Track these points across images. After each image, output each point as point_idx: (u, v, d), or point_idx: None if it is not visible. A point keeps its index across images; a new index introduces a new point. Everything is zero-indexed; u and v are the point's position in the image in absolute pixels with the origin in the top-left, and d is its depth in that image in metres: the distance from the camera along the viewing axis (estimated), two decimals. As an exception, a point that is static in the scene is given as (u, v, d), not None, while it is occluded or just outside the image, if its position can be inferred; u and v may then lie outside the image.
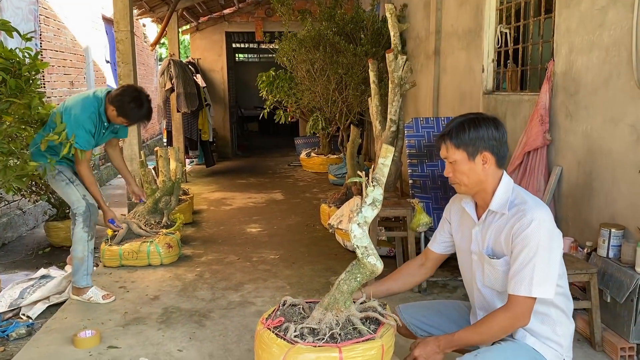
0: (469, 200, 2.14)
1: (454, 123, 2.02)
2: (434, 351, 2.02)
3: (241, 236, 5.23)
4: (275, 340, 1.97)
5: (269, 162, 10.37)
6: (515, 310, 1.89)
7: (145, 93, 3.56)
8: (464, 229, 2.18)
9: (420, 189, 4.14)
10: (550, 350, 1.97)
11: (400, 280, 2.30)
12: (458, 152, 1.97)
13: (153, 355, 2.86)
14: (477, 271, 2.11)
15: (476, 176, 1.98)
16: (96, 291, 3.61)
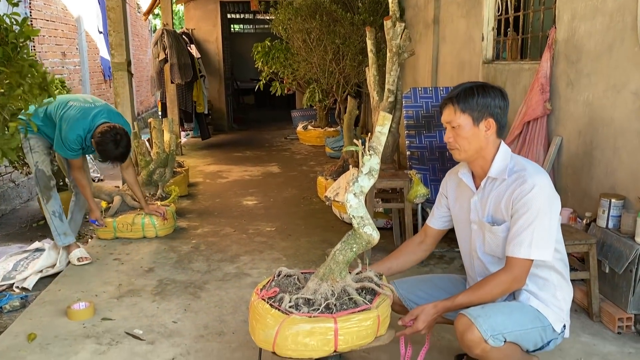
0: (466, 170, 2.13)
1: (461, 87, 2.02)
2: (433, 318, 2.02)
3: (237, 209, 5.19)
4: (270, 310, 1.94)
5: (265, 135, 10.28)
6: (513, 272, 1.92)
7: (126, 139, 3.66)
8: (462, 200, 2.16)
9: (417, 160, 4.08)
10: (553, 312, 2.00)
11: (401, 259, 2.30)
12: (463, 116, 1.97)
13: (147, 327, 2.83)
14: (477, 240, 2.10)
15: (478, 142, 1.98)
16: (77, 252, 3.76)
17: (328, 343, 1.83)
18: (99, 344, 2.67)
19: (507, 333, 1.87)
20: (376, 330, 1.91)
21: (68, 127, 3.63)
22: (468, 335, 1.86)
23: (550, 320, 1.97)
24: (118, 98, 5.24)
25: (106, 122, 3.67)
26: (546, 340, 1.99)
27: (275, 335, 1.87)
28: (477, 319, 1.86)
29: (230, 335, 2.72)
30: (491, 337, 1.84)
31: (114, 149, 3.59)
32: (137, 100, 11.67)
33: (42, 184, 3.79)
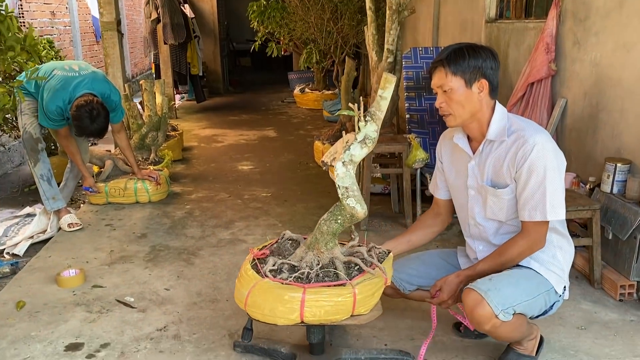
0: (460, 135, 2.04)
1: (450, 49, 1.92)
2: (458, 288, 1.98)
3: (232, 174, 5.09)
4: (248, 271, 1.89)
5: (262, 98, 10.09)
6: (533, 236, 1.88)
7: (103, 113, 3.52)
8: (458, 165, 2.08)
9: (417, 123, 3.96)
10: (554, 275, 1.95)
11: (419, 232, 2.23)
12: (455, 79, 1.88)
13: (139, 294, 2.77)
14: (475, 206, 2.03)
15: (472, 105, 1.90)
16: (67, 218, 3.68)
17: (293, 312, 1.79)
18: (89, 311, 2.61)
19: (517, 305, 1.83)
20: (351, 308, 1.82)
21: (48, 97, 3.52)
22: (479, 310, 1.81)
23: (552, 282, 1.93)
24: (108, 59, 5.07)
25: (87, 93, 3.54)
26: (550, 304, 1.96)
27: (247, 296, 1.86)
28: (488, 293, 1.80)
29: (224, 303, 2.67)
30: (502, 312, 1.79)
31: (89, 124, 3.46)
32: (132, 62, 11.40)
33: (29, 147, 3.68)
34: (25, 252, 3.44)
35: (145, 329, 2.45)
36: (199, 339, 2.36)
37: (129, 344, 2.33)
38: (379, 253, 2.03)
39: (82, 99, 3.49)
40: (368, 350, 2.16)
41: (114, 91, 3.80)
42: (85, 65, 3.78)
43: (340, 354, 2.10)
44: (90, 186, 4.01)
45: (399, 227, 3.61)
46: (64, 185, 4.07)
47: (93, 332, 2.43)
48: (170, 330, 2.44)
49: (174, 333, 2.41)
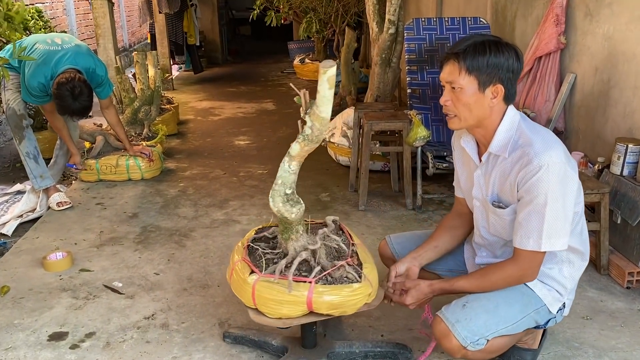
0: (469, 138, 1.82)
1: (470, 41, 1.65)
2: (427, 297, 1.85)
3: (229, 149, 4.95)
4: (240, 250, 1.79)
5: (261, 68, 9.87)
6: (523, 265, 1.67)
7: (87, 91, 3.33)
8: (466, 169, 1.89)
9: (419, 99, 3.80)
10: (550, 292, 1.76)
11: (445, 236, 1.99)
12: (468, 78, 1.64)
13: (127, 279, 2.68)
14: (480, 218, 1.86)
15: (480, 111, 1.67)
16: (56, 197, 3.58)
17: None
18: (75, 297, 2.52)
19: (491, 334, 1.67)
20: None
21: (30, 73, 3.37)
22: (446, 343, 1.68)
23: (546, 301, 1.75)
24: (99, 30, 4.88)
25: (70, 69, 3.37)
26: (541, 322, 1.79)
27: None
28: (456, 325, 1.66)
29: (215, 289, 2.57)
30: (471, 344, 1.65)
31: (71, 103, 3.29)
32: (128, 32, 11.13)
33: (13, 124, 3.55)
34: (14, 232, 3.34)
35: (132, 317, 2.36)
36: (188, 328, 2.27)
37: (114, 334, 2.24)
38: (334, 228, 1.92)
39: (63, 75, 3.32)
40: (363, 342, 2.06)
41: (99, 65, 3.62)
42: (69, 38, 3.61)
43: (333, 347, 2.01)
44: (76, 163, 3.88)
45: (398, 207, 3.49)
46: (53, 162, 3.94)
47: (78, 320, 2.34)
48: (158, 318, 2.35)
49: (162, 322, 2.32)
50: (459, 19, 3.87)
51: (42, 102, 3.54)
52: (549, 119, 3.34)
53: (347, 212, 3.46)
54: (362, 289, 1.70)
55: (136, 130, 4.57)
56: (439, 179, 3.83)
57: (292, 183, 1.68)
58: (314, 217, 3.17)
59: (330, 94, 1.52)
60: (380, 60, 4.13)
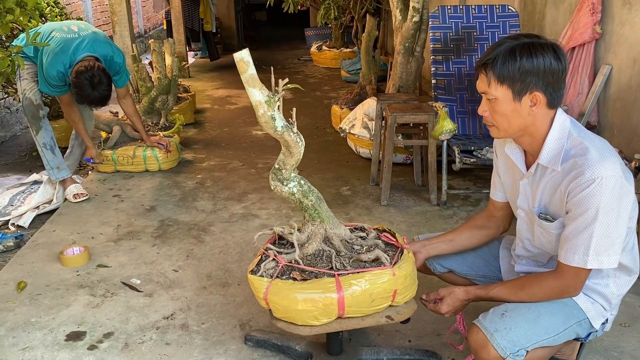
0: (514, 145, 1.69)
1: (501, 48, 1.51)
2: (462, 305, 1.74)
3: (246, 139, 4.86)
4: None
5: (277, 55, 9.74)
6: (566, 281, 1.56)
7: (106, 80, 3.28)
8: (511, 176, 1.76)
9: (444, 89, 3.67)
10: (594, 306, 1.65)
11: (466, 232, 1.90)
12: (501, 88, 1.51)
13: (145, 275, 2.61)
14: (523, 229, 1.74)
15: (520, 120, 1.54)
16: (73, 188, 3.53)
17: None
18: (92, 295, 2.46)
19: (531, 345, 1.56)
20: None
21: (48, 62, 3.29)
22: (483, 354, 1.57)
23: (589, 315, 1.63)
24: (115, 17, 4.79)
25: (88, 56, 3.30)
26: (583, 335, 1.67)
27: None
28: (495, 334, 1.54)
29: (235, 288, 2.50)
30: (510, 355, 1.53)
31: (90, 92, 3.23)
32: (144, 17, 11.04)
33: (29, 114, 3.49)
34: (30, 224, 3.29)
35: (151, 317, 2.29)
36: (208, 330, 2.20)
37: (133, 334, 2.18)
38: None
39: (82, 64, 3.25)
40: (391, 350, 1.97)
41: (117, 52, 3.55)
42: (85, 26, 3.52)
43: (360, 354, 1.93)
44: (93, 157, 3.82)
45: (422, 203, 3.39)
46: (69, 152, 3.89)
47: (96, 318, 2.28)
48: (177, 318, 2.28)
49: (182, 322, 2.26)
50: (487, 6, 3.72)
51: (60, 93, 3.47)
52: (581, 112, 3.19)
53: (369, 207, 3.36)
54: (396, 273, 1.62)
55: (153, 120, 4.49)
56: (463, 174, 3.71)
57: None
58: (335, 212, 3.10)
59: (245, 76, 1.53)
60: (403, 50, 3.99)
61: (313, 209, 1.73)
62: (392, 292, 1.64)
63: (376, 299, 1.63)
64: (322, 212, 1.75)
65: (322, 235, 1.77)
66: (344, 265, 1.67)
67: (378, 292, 1.62)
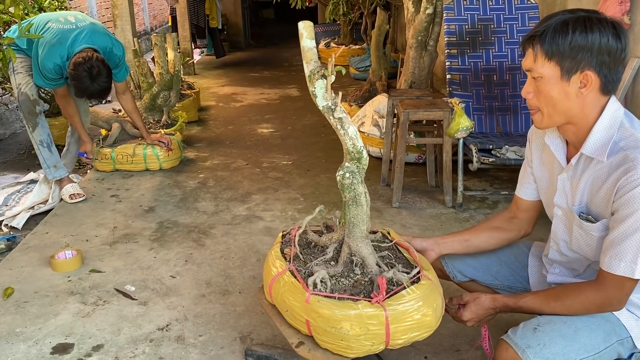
0: (555, 135, 1.50)
1: (553, 20, 1.34)
2: (488, 314, 1.54)
3: (251, 137, 4.69)
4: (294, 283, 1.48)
5: (285, 53, 9.57)
6: (607, 291, 1.36)
7: (105, 71, 3.11)
8: (548, 170, 1.57)
9: (459, 85, 3.47)
10: (639, 324, 1.44)
11: (483, 233, 1.72)
12: (548, 64, 1.34)
13: (141, 282, 2.44)
14: (559, 230, 1.54)
15: (567, 104, 1.36)
16: (69, 188, 3.36)
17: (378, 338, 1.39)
18: (83, 302, 2.29)
19: None
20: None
21: (44, 54, 3.13)
22: None
23: (632, 333, 1.43)
24: (116, 10, 4.64)
25: (86, 48, 3.14)
26: (625, 355, 1.46)
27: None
28: (527, 351, 1.34)
29: (236, 296, 2.32)
30: None
31: (89, 84, 3.06)
32: (150, 15, 10.92)
33: (25, 110, 3.32)
34: (24, 225, 3.14)
35: (145, 327, 2.12)
36: (206, 343, 2.02)
37: (124, 347, 2.01)
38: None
39: (80, 55, 3.09)
40: (406, 368, 1.78)
41: (116, 45, 3.38)
42: (82, 17, 3.36)
43: (372, 373, 1.74)
44: (87, 152, 3.64)
45: (436, 205, 3.19)
46: (66, 150, 3.74)
47: (86, 329, 2.11)
48: (173, 329, 2.11)
49: (178, 334, 2.08)
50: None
51: (57, 86, 3.31)
52: (607, 109, 2.99)
53: (380, 209, 3.17)
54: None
55: (154, 117, 4.33)
56: (480, 174, 3.52)
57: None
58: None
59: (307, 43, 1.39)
60: (416, 43, 3.80)
61: (346, 206, 1.53)
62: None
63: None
64: (348, 214, 1.54)
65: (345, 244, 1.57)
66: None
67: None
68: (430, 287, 1.45)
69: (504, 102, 3.45)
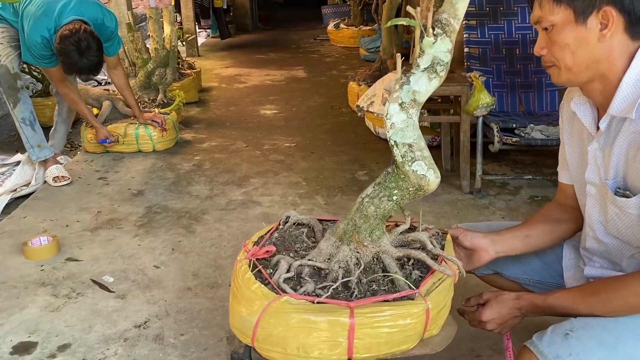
0: (582, 99, 1.23)
1: None
2: (512, 315, 1.26)
3: (253, 119, 4.41)
4: (253, 284, 1.22)
5: (292, 35, 9.25)
6: None
7: (95, 44, 2.86)
8: (578, 144, 1.31)
9: (478, 59, 3.16)
10: None
11: (541, 226, 1.42)
12: (558, 9, 1.11)
13: (121, 272, 2.19)
14: (594, 212, 1.27)
15: (588, 51, 1.11)
16: (53, 170, 3.11)
17: (336, 347, 1.12)
18: (54, 295, 2.04)
19: None
20: (422, 331, 1.17)
21: (29, 27, 2.88)
22: None
23: None
24: (110, -18, 4.35)
25: (75, 19, 2.87)
26: None
27: (256, 325, 1.17)
28: None
29: (226, 289, 2.05)
30: None
31: (78, 59, 2.80)
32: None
33: (5, 84, 3.06)
34: (4, 209, 2.90)
35: (120, 324, 1.87)
36: (187, 343, 1.77)
37: (94, 347, 1.75)
38: (433, 235, 1.36)
39: (67, 27, 2.83)
40: (418, 378, 1.51)
41: (107, 16, 3.12)
42: None
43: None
44: (107, 137, 3.41)
45: (452, 190, 2.90)
46: (54, 130, 3.51)
47: (53, 326, 1.86)
48: (152, 327, 1.85)
49: (156, 332, 1.82)
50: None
51: (49, 64, 3.05)
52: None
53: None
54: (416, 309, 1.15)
55: (150, 95, 4.06)
56: (499, 157, 3.21)
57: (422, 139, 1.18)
58: (350, 200, 2.62)
59: None
60: (431, 16, 3.49)
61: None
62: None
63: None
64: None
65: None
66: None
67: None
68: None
69: (527, 78, 3.13)
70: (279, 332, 1.14)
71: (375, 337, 1.12)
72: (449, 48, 1.10)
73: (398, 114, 1.12)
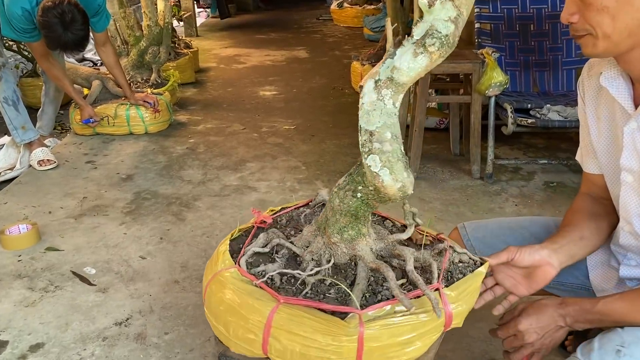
0: (614, 73, 1.05)
1: None
2: (554, 325, 1.09)
3: (252, 100, 4.22)
4: (225, 250, 1.15)
5: (294, 15, 9.00)
6: None
7: (80, 17, 2.65)
8: (609, 126, 1.13)
9: (489, 36, 2.96)
10: None
11: (591, 223, 1.20)
12: None
13: (104, 263, 2.03)
14: (632, 203, 1.09)
15: (631, 14, 0.93)
16: (39, 153, 2.94)
17: (253, 340, 1.02)
18: (30, 288, 1.88)
19: None
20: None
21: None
22: None
23: None
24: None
25: None
26: None
27: (205, 289, 1.14)
28: None
29: (216, 283, 1.89)
30: None
31: (62, 33, 2.61)
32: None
33: None
34: (-13, 194, 2.73)
35: (99, 321, 1.71)
36: (172, 343, 1.61)
37: (69, 347, 1.60)
38: (462, 261, 1.15)
39: None
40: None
41: None
42: None
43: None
44: (91, 116, 3.24)
45: (461, 175, 2.72)
46: (41, 111, 3.33)
47: (27, 322, 1.71)
48: (134, 325, 1.69)
49: (139, 330, 1.67)
50: None
51: (32, 39, 2.85)
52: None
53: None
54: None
55: (143, 75, 3.87)
56: (511, 141, 3.03)
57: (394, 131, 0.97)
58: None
59: None
60: (439, -10, 3.27)
61: None
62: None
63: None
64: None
65: None
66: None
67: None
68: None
69: (542, 56, 2.93)
70: (215, 302, 1.08)
71: (290, 341, 0.98)
72: (450, 16, 0.89)
73: (370, 93, 0.93)
